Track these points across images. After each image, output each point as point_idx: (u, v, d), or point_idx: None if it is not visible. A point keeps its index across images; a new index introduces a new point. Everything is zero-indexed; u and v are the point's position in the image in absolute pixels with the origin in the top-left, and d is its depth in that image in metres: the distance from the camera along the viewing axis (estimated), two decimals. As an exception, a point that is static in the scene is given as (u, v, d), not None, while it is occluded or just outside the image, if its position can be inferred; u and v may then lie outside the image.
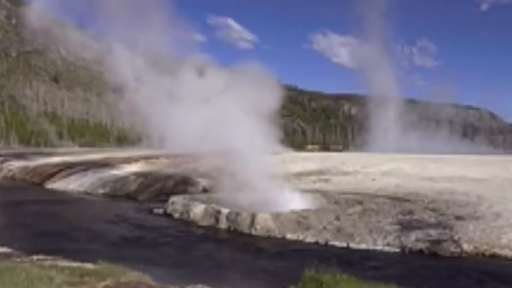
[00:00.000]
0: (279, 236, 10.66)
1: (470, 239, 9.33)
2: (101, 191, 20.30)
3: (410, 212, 11.65)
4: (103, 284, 5.15)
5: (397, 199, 13.27)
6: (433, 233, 9.82)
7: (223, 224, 11.84)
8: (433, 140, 68.33)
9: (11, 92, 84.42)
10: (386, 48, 78.48)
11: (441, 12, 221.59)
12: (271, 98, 14.00)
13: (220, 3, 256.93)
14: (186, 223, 12.59)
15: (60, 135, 72.51)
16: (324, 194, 14.25)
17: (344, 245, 9.76)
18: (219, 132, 13.74)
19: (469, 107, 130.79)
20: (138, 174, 22.06)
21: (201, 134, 14.46)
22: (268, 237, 10.68)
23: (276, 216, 11.37)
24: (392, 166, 21.53)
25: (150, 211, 14.68)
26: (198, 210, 12.78)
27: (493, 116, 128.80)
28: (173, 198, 14.38)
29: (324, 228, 10.69)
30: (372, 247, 9.55)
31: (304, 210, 12.04)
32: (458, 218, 10.78)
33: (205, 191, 17.70)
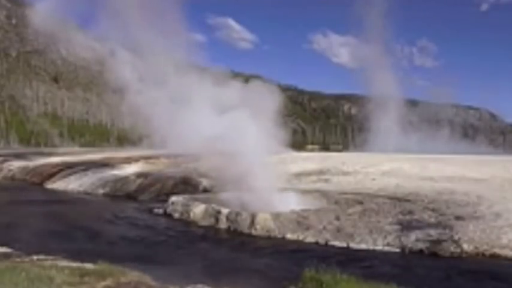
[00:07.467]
0: (279, 236, 10.66)
1: (470, 239, 9.33)
2: (101, 191, 20.30)
3: (410, 212, 11.65)
4: (103, 284, 5.15)
5: (397, 199, 13.26)
6: (433, 233, 9.81)
7: (223, 224, 11.83)
8: (433, 140, 68.16)
9: (11, 92, 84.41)
10: (386, 48, 78.23)
11: (441, 12, 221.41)
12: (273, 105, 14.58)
13: (220, 3, 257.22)
14: (186, 223, 12.59)
15: (60, 135, 72.53)
16: (324, 194, 14.25)
17: (344, 245, 9.76)
18: (225, 133, 13.79)
19: (469, 107, 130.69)
20: (138, 174, 22.08)
21: (203, 134, 14.50)
22: (268, 237, 10.68)
23: (276, 216, 11.36)
24: (392, 166, 21.48)
25: (150, 211, 14.68)
26: (198, 210, 12.77)
27: (493, 116, 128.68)
28: (173, 198, 14.37)
29: (324, 228, 10.69)
30: (372, 247, 9.55)
31: (304, 210, 12.02)
32: (458, 218, 10.78)
33: (205, 191, 17.70)
